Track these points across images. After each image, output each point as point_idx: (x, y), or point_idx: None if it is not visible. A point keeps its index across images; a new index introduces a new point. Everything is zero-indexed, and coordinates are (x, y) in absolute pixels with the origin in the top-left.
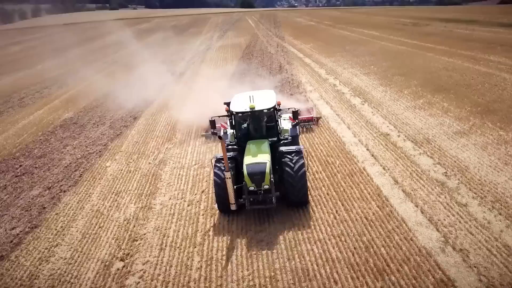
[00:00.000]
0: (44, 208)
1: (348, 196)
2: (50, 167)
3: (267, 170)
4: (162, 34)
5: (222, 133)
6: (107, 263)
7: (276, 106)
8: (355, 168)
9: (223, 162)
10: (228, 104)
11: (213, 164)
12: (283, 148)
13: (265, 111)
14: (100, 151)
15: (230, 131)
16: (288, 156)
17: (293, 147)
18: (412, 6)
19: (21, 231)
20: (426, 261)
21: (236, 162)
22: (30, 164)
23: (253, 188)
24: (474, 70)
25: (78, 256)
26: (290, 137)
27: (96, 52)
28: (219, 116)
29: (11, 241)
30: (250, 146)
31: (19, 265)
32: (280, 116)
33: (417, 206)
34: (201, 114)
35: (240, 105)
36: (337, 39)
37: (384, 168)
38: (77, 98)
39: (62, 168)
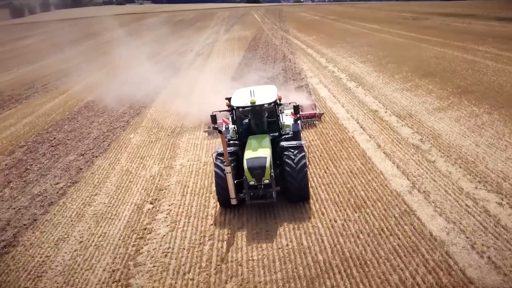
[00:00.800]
0: (81, 169)
1: (337, 157)
2: (81, 139)
3: (267, 164)
4: (170, 28)
5: (223, 129)
6: (139, 205)
7: (277, 101)
8: (346, 137)
9: (223, 157)
10: (229, 99)
11: (213, 159)
12: (284, 143)
13: (266, 105)
14: (123, 126)
15: (231, 126)
16: (289, 151)
17: (294, 142)
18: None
19: (64, 185)
20: (395, 199)
21: (237, 156)
22: (62, 136)
23: (253, 182)
24: (462, 58)
25: (115, 201)
26: (291, 133)
27: (106, 44)
28: (220, 111)
29: (57, 192)
30: (251, 141)
31: (66, 208)
32: (282, 112)
33: (394, 163)
34: (210, 96)
35: (241, 100)
36: (339, 32)
37: (370, 136)
38: (96, 84)
39: (91, 139)
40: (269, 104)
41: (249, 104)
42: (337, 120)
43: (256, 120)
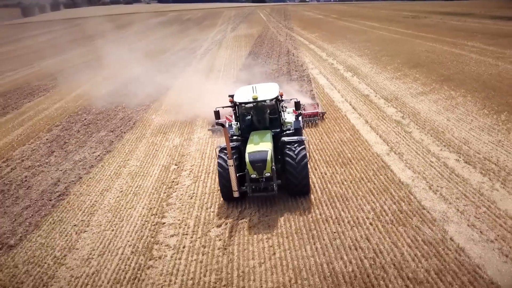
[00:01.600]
0: (112, 141)
1: (331, 130)
2: (109, 119)
3: (269, 158)
4: (178, 27)
5: (227, 125)
6: (166, 166)
7: (279, 97)
8: (339, 115)
9: (226, 151)
10: (232, 96)
11: (216, 154)
12: (285, 138)
13: (268, 101)
14: (145, 109)
15: (234, 123)
16: (290, 145)
17: (295, 137)
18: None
19: (100, 153)
20: (375, 159)
21: (240, 151)
22: (92, 118)
23: (255, 175)
24: (450, 52)
25: (145, 164)
26: (293, 129)
27: (120, 40)
28: (223, 107)
29: (95, 158)
30: (253, 137)
31: (105, 169)
32: (284, 110)
33: (377, 134)
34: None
35: (243, 96)
36: (340, 30)
37: (360, 115)
38: (115, 76)
39: (118, 119)
40: (271, 100)
41: (251, 100)
42: (332, 103)
43: (258, 117)
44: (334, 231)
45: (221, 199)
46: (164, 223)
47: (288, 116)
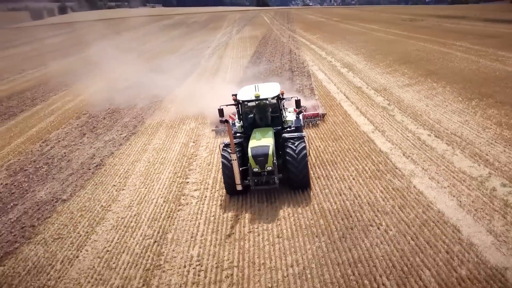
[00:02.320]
0: (136, 126)
1: (326, 115)
2: (130, 109)
3: (270, 152)
4: (185, 29)
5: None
6: (185, 143)
7: (280, 95)
8: (334, 103)
9: (230, 147)
10: (235, 95)
11: (220, 149)
12: (286, 135)
13: (269, 99)
14: (161, 100)
15: (237, 121)
16: (290, 141)
17: (295, 134)
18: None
19: (126, 135)
20: (362, 135)
21: (242, 147)
22: (115, 107)
23: (257, 169)
24: (438, 51)
25: (167, 142)
26: (294, 127)
27: (130, 41)
28: (227, 105)
29: (123, 138)
30: (256, 133)
31: (132, 146)
32: (285, 109)
33: (365, 117)
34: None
35: (246, 95)
36: (340, 31)
37: (352, 103)
38: (130, 72)
39: (139, 109)
40: (272, 98)
41: (253, 98)
42: (329, 93)
43: (260, 115)
44: (324, 184)
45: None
46: (188, 182)
47: (289, 115)
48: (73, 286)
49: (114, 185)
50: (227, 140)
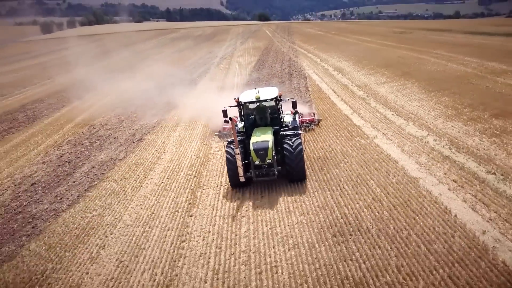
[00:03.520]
0: (164, 114)
1: (316, 104)
2: (156, 102)
3: (270, 146)
4: (192, 41)
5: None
6: (205, 125)
7: (278, 97)
8: (323, 96)
9: (233, 145)
10: (238, 98)
11: (225, 146)
12: (284, 133)
13: (269, 100)
14: (181, 96)
15: (240, 122)
16: (288, 138)
17: (292, 131)
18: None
19: (157, 120)
20: (343, 116)
21: (244, 144)
22: (142, 102)
23: (258, 162)
24: (416, 57)
25: (192, 124)
26: (291, 126)
27: (143, 52)
28: (230, 106)
29: (155, 122)
30: (256, 132)
31: (163, 127)
32: (283, 113)
33: (347, 105)
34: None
35: (247, 97)
36: (335, 43)
37: (338, 96)
38: (150, 76)
39: (163, 103)
40: (271, 99)
41: (254, 99)
42: (321, 89)
43: (260, 115)
44: (311, 142)
45: None
46: (212, 147)
47: (286, 117)
48: (143, 199)
49: (156, 150)
50: (230, 139)
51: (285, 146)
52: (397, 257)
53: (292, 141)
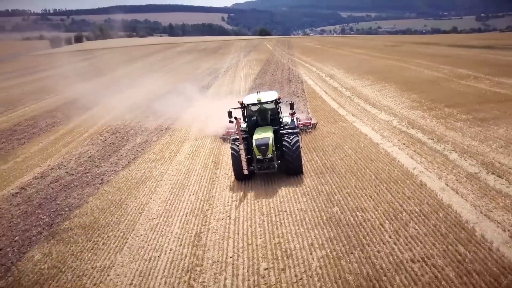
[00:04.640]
0: (182, 110)
1: (310, 101)
2: (175, 103)
3: (270, 142)
4: (198, 54)
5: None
6: (219, 117)
7: (278, 99)
8: (316, 96)
9: (238, 141)
10: (241, 101)
11: (230, 143)
12: (283, 131)
13: (269, 102)
14: (197, 98)
15: (243, 122)
16: (286, 136)
17: (290, 130)
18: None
19: (177, 115)
20: (331, 109)
21: (247, 141)
22: (163, 102)
23: (260, 157)
24: (398, 66)
25: (209, 116)
26: (289, 126)
27: (156, 63)
28: (235, 108)
29: (175, 116)
30: (258, 130)
31: (183, 120)
32: (282, 114)
33: (336, 102)
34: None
35: (250, 100)
36: (330, 55)
37: (328, 95)
38: (167, 83)
39: (182, 100)
40: (271, 101)
41: (256, 102)
42: (314, 91)
43: (261, 116)
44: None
45: None
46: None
47: (285, 118)
48: (179, 162)
49: (181, 134)
50: (234, 136)
51: (284, 143)
52: (355, 181)
53: (290, 138)
